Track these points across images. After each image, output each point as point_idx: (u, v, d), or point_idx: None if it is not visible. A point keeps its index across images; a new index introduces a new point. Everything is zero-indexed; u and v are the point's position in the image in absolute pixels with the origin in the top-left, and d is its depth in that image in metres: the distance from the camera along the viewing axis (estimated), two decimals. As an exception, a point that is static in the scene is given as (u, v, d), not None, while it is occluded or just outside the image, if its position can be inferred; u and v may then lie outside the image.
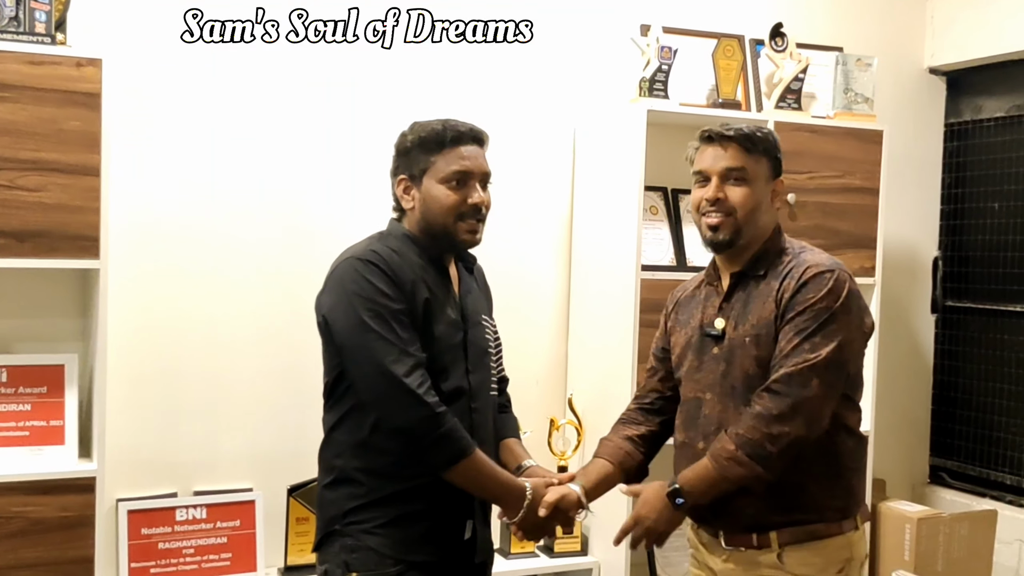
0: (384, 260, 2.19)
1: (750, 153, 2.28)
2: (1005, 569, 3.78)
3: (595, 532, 3.45)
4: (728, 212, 2.26)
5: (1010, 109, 4.04)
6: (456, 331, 2.28)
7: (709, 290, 2.39)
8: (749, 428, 2.16)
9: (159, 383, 3.07)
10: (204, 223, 3.11)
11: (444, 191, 2.25)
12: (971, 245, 4.17)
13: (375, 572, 2.20)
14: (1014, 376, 3.94)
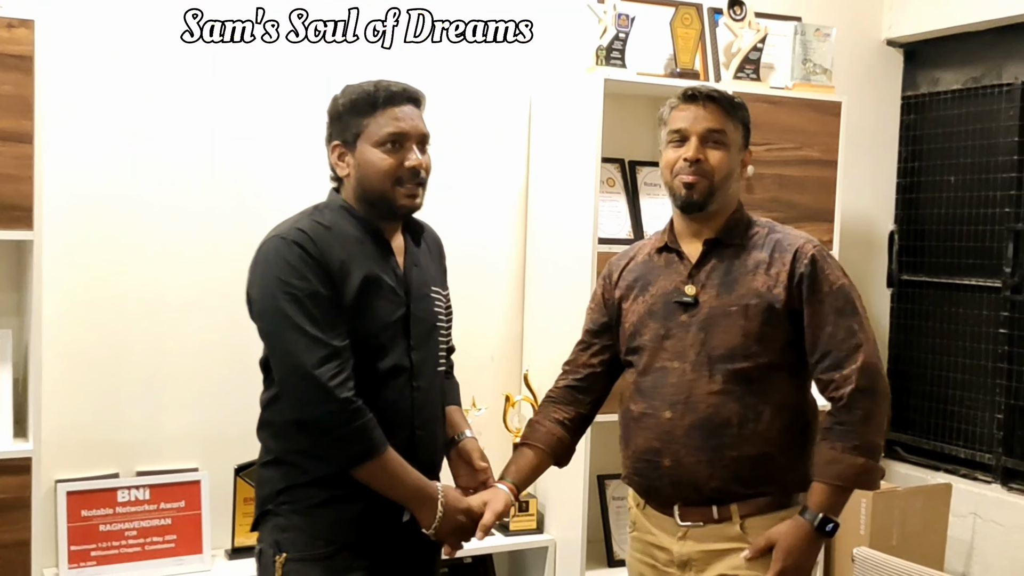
0: (310, 239, 2.08)
1: (730, 117, 2.26)
2: (959, 542, 3.78)
3: (550, 510, 3.40)
4: (705, 174, 2.22)
5: (966, 82, 4.02)
6: (397, 307, 2.18)
7: (669, 257, 2.33)
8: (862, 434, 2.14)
9: (99, 359, 2.96)
10: (146, 193, 2.99)
11: (379, 155, 2.14)
12: (927, 219, 4.15)
13: (305, 552, 2.12)
14: (969, 350, 3.94)
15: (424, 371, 2.22)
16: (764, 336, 2.19)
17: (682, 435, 2.20)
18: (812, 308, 2.18)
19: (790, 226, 2.34)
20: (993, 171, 3.87)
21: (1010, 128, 3.80)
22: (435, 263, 2.39)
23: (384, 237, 2.21)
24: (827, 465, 2.15)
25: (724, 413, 2.18)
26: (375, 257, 2.17)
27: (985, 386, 3.88)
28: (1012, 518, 3.68)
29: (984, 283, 3.89)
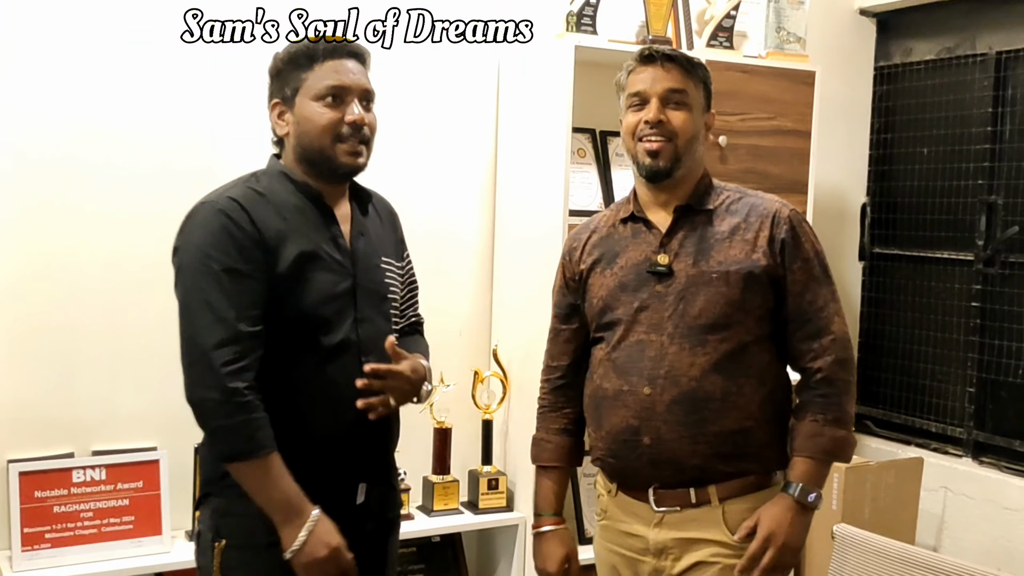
0: (239, 207, 1.97)
1: (690, 76, 2.18)
2: (930, 516, 3.77)
3: (520, 488, 3.33)
4: (668, 136, 2.14)
5: (940, 52, 3.97)
6: (341, 278, 2.06)
7: (635, 227, 2.23)
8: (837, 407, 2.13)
9: (51, 333, 2.85)
10: (99, 157, 2.87)
11: (318, 109, 2.03)
12: (899, 191, 4.11)
13: (244, 542, 2.00)
14: (941, 323, 3.91)
15: (375, 347, 2.10)
16: (746, 304, 2.12)
17: (663, 411, 2.11)
18: (793, 275, 2.14)
19: (757, 191, 2.28)
20: (966, 143, 3.83)
21: (984, 99, 3.76)
22: (388, 232, 2.27)
23: (325, 203, 2.09)
24: (809, 439, 2.10)
25: (707, 386, 2.10)
26: (315, 226, 2.06)
27: (957, 360, 3.85)
28: (983, 491, 3.67)
29: (956, 256, 3.85)
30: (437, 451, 3.27)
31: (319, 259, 2.04)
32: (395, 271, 2.23)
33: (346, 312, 2.07)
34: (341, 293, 2.06)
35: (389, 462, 2.27)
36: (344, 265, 2.08)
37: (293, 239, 2.01)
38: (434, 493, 3.23)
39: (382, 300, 2.17)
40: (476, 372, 3.33)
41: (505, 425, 3.41)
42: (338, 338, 2.04)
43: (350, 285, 2.08)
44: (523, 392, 3.31)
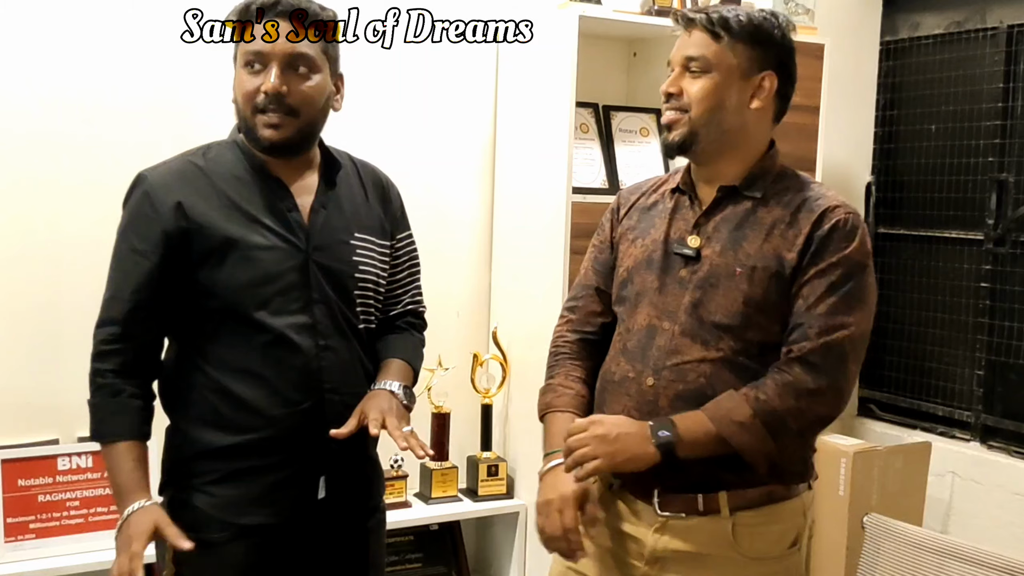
0: (163, 188, 1.90)
1: (717, 40, 1.92)
2: (937, 501, 3.69)
3: (520, 474, 3.24)
4: (681, 108, 1.94)
5: (949, 26, 3.86)
6: (287, 256, 1.92)
7: (680, 200, 2.03)
8: (774, 396, 1.84)
9: (34, 315, 2.74)
10: (83, 131, 2.76)
11: (241, 76, 1.91)
12: (905, 169, 4.01)
13: (197, 536, 1.88)
14: (948, 305, 3.82)
15: (334, 328, 1.97)
16: (767, 306, 1.89)
17: (666, 405, 1.91)
18: (805, 275, 1.88)
19: (827, 186, 2.03)
20: (976, 119, 3.73)
21: (995, 74, 3.66)
22: (373, 206, 2.10)
23: (271, 174, 1.95)
24: (716, 400, 1.86)
25: (716, 386, 1.89)
26: (259, 200, 1.93)
27: (965, 342, 3.77)
28: (991, 476, 3.59)
29: (965, 235, 3.76)
30: (435, 437, 3.17)
31: (260, 234, 1.91)
32: (373, 249, 2.06)
33: (294, 292, 1.93)
34: (286, 271, 1.93)
35: (360, 452, 2.08)
36: (293, 241, 1.94)
37: (223, 219, 1.90)
38: (432, 480, 3.14)
39: (346, 278, 2.00)
40: (475, 355, 3.23)
41: (505, 410, 3.31)
42: (285, 321, 1.91)
43: (301, 262, 1.94)
44: (523, 376, 3.22)
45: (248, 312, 1.90)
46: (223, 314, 1.91)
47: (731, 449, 1.84)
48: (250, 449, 1.92)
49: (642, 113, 3.34)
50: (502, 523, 3.26)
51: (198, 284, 1.89)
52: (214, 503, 1.93)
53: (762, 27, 1.94)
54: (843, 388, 1.88)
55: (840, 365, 1.86)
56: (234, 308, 1.90)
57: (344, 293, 2.01)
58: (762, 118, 1.97)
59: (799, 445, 1.93)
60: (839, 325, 1.85)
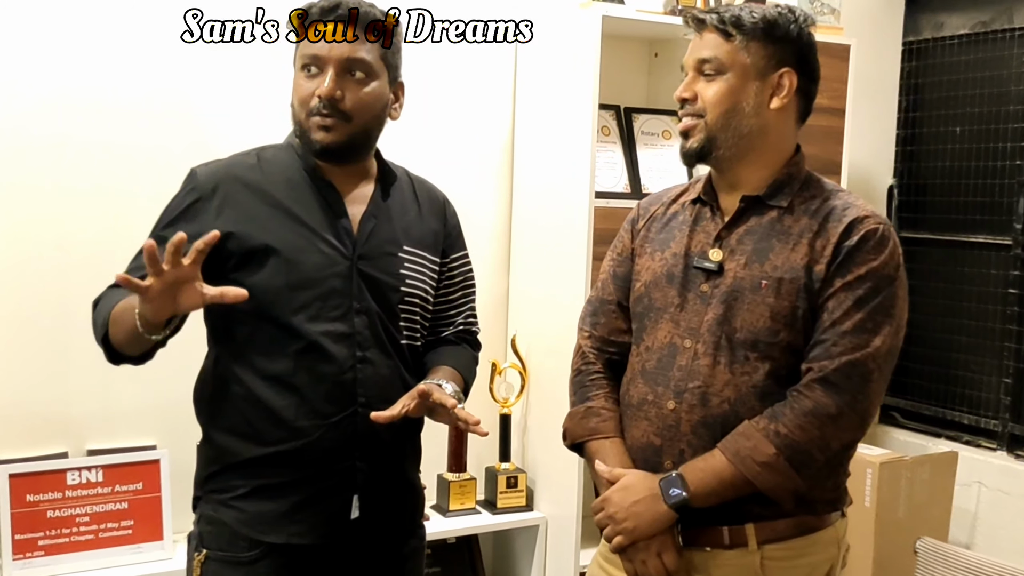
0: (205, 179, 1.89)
1: (730, 39, 1.84)
2: (963, 512, 3.61)
3: (540, 486, 3.16)
4: (698, 114, 1.86)
5: (974, 26, 3.78)
6: (332, 261, 1.87)
7: (701, 211, 1.94)
8: (796, 428, 1.74)
9: (42, 324, 2.65)
10: (89, 137, 2.67)
11: (298, 80, 1.88)
12: (929, 172, 3.93)
13: (226, 554, 1.84)
14: (974, 311, 3.74)
15: (374, 339, 1.90)
16: (795, 321, 1.80)
17: (688, 431, 1.83)
18: (832, 287, 1.79)
19: (855, 194, 1.93)
20: (1003, 121, 3.64)
21: (1022, 75, 3.57)
22: (427, 221, 2.05)
23: (324, 179, 1.90)
24: (733, 436, 1.78)
25: (742, 411, 1.79)
26: (309, 204, 1.89)
27: (992, 349, 3.68)
28: (1019, 487, 3.51)
29: (992, 240, 3.68)
30: (453, 447, 3.09)
31: (301, 240, 1.86)
32: (422, 264, 2.00)
33: (335, 299, 1.87)
34: (329, 277, 1.87)
35: (399, 474, 2.01)
36: (339, 248, 1.89)
37: (269, 220, 1.86)
38: (450, 492, 3.06)
39: (390, 291, 1.94)
40: (494, 364, 3.14)
41: (524, 420, 3.23)
42: (322, 328, 1.85)
43: (345, 269, 1.88)
44: (542, 385, 3.14)
45: (283, 316, 1.83)
46: (258, 317, 1.85)
47: (754, 489, 1.76)
48: (277, 461, 1.85)
49: (664, 115, 3.26)
50: (522, 536, 3.18)
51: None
52: (241, 519, 1.87)
53: (777, 22, 1.85)
54: (867, 410, 1.79)
55: (863, 385, 1.76)
56: (269, 311, 1.84)
57: (387, 305, 1.94)
58: (784, 119, 1.89)
59: (827, 475, 1.83)
60: (863, 343, 1.75)
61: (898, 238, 1.86)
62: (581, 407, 2.01)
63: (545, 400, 3.14)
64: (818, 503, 1.84)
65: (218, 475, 1.90)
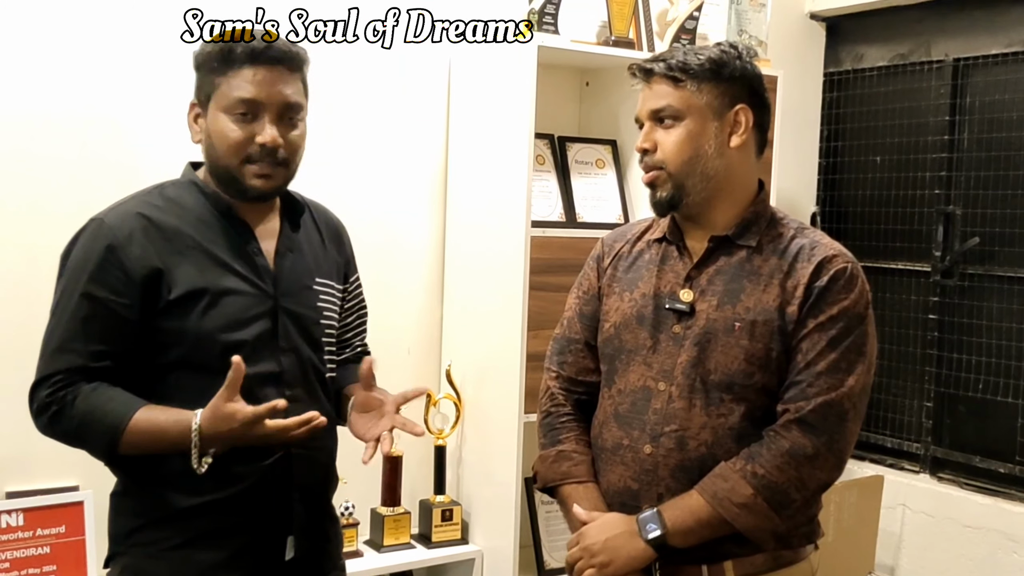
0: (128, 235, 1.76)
1: (680, 85, 1.84)
2: (889, 534, 3.67)
3: (476, 518, 3.12)
4: (656, 165, 1.87)
5: (893, 58, 3.88)
6: (256, 301, 1.83)
7: (667, 250, 1.95)
8: (773, 468, 1.76)
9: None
10: (11, 151, 2.57)
11: (228, 124, 1.79)
12: (850, 200, 4.01)
13: None
14: (895, 336, 3.82)
15: (299, 378, 1.87)
16: (769, 362, 1.81)
17: (667, 475, 1.84)
18: (805, 329, 1.80)
19: (821, 232, 1.96)
20: (922, 151, 3.74)
21: (940, 107, 3.67)
22: (330, 250, 2.03)
23: (238, 217, 1.85)
24: (710, 478, 1.80)
25: (719, 453, 1.81)
26: (225, 244, 1.82)
27: (913, 373, 3.76)
28: (942, 509, 3.58)
29: (912, 267, 3.76)
30: (387, 480, 3.03)
31: (225, 281, 1.80)
32: (331, 294, 1.99)
33: (263, 339, 1.83)
34: (254, 318, 1.82)
35: (325, 511, 2.02)
36: (261, 286, 1.84)
37: (190, 264, 1.78)
38: (384, 527, 2.99)
39: (312, 325, 1.92)
40: (429, 394, 3.09)
41: (458, 451, 3.19)
42: (253, 370, 1.79)
43: (268, 308, 1.84)
44: (477, 416, 3.11)
45: (212, 361, 1.76)
46: (184, 364, 1.78)
47: (732, 529, 1.77)
48: (213, 509, 1.80)
49: (597, 144, 3.26)
50: (457, 570, 3.12)
51: (160, 332, 1.76)
52: (176, 570, 1.80)
53: (724, 61, 1.87)
54: (843, 449, 1.81)
55: (839, 424, 1.79)
56: (198, 357, 1.77)
57: (312, 340, 1.93)
58: (745, 155, 1.90)
59: (803, 512, 1.85)
60: (838, 383, 1.79)
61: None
62: (553, 450, 2.00)
63: (480, 431, 3.10)
64: (793, 537, 1.85)
65: (145, 528, 1.83)
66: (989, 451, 3.52)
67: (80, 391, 1.73)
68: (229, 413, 1.70)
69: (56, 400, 1.73)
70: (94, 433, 1.74)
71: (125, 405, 1.73)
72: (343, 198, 2.23)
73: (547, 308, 2.92)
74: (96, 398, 1.73)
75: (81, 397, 1.73)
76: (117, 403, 1.73)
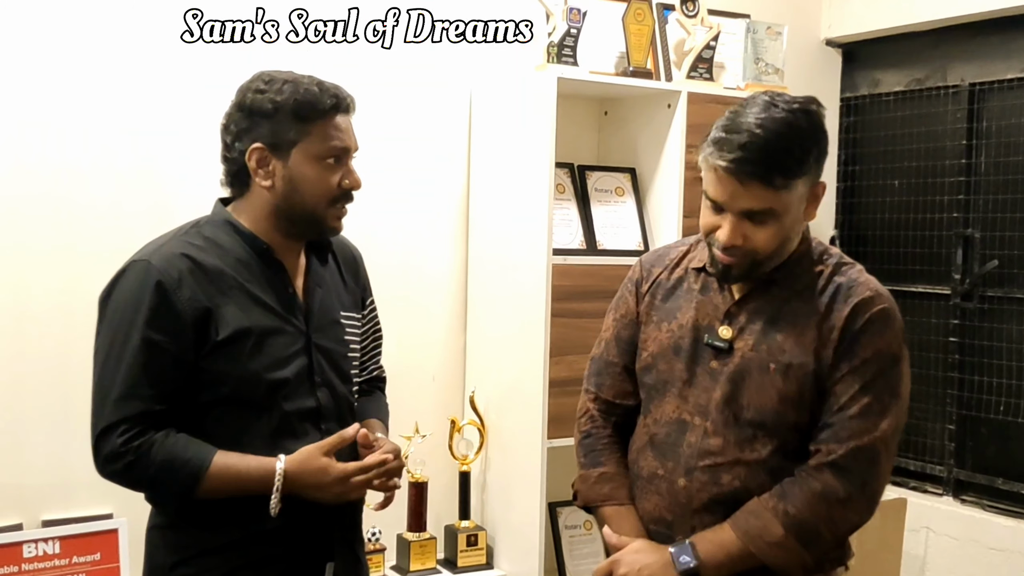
0: (174, 278, 1.78)
1: (778, 190, 1.75)
2: (913, 558, 3.68)
3: (500, 543, 3.15)
4: (744, 255, 1.81)
5: (909, 83, 3.91)
6: (293, 339, 1.87)
7: (707, 281, 1.93)
8: (804, 508, 1.77)
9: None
10: (44, 194, 2.64)
11: (319, 171, 1.85)
12: (869, 224, 4.04)
13: None
14: (917, 359, 3.76)
15: (336, 411, 1.93)
16: (803, 403, 1.82)
17: (700, 508, 1.86)
18: (839, 372, 1.81)
19: (859, 267, 1.93)
20: (940, 175, 3.77)
21: (957, 131, 3.70)
22: (348, 281, 2.08)
23: (274, 257, 1.89)
24: (743, 514, 1.82)
25: (752, 487, 1.83)
26: (263, 283, 1.87)
27: (935, 396, 3.78)
28: (966, 531, 3.59)
29: (932, 290, 3.78)
30: (412, 507, 3.07)
31: (267, 321, 1.85)
32: (354, 326, 2.05)
33: (301, 377, 1.88)
34: (293, 355, 1.87)
35: (357, 536, 2.09)
36: (296, 324, 1.89)
37: (234, 304, 1.82)
38: (410, 552, 3.03)
39: (341, 359, 1.98)
40: (453, 421, 3.14)
41: (483, 476, 3.23)
42: (294, 406, 1.85)
43: (303, 345, 1.90)
44: (501, 441, 3.15)
45: (255, 399, 1.82)
46: (227, 402, 1.82)
47: (762, 564, 1.80)
48: (258, 540, 1.84)
49: (617, 172, 3.31)
50: (482, 595, 3.16)
51: (206, 372, 1.80)
52: None
53: (817, 144, 1.80)
54: (876, 492, 1.83)
55: (872, 468, 1.80)
56: (242, 396, 1.82)
57: (342, 374, 1.98)
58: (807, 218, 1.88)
59: (836, 546, 1.88)
60: (871, 427, 1.78)
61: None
62: (594, 471, 2.02)
63: (504, 457, 3.14)
64: (826, 562, 1.88)
65: (188, 561, 1.86)
66: (1012, 473, 3.54)
67: (154, 440, 1.76)
68: (322, 467, 1.79)
69: (131, 450, 1.75)
70: (173, 481, 1.77)
71: (202, 452, 1.77)
72: (367, 228, 2.26)
73: (569, 335, 2.96)
74: (172, 446, 1.76)
75: (157, 446, 1.76)
76: (193, 451, 1.77)
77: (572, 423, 2.15)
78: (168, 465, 1.76)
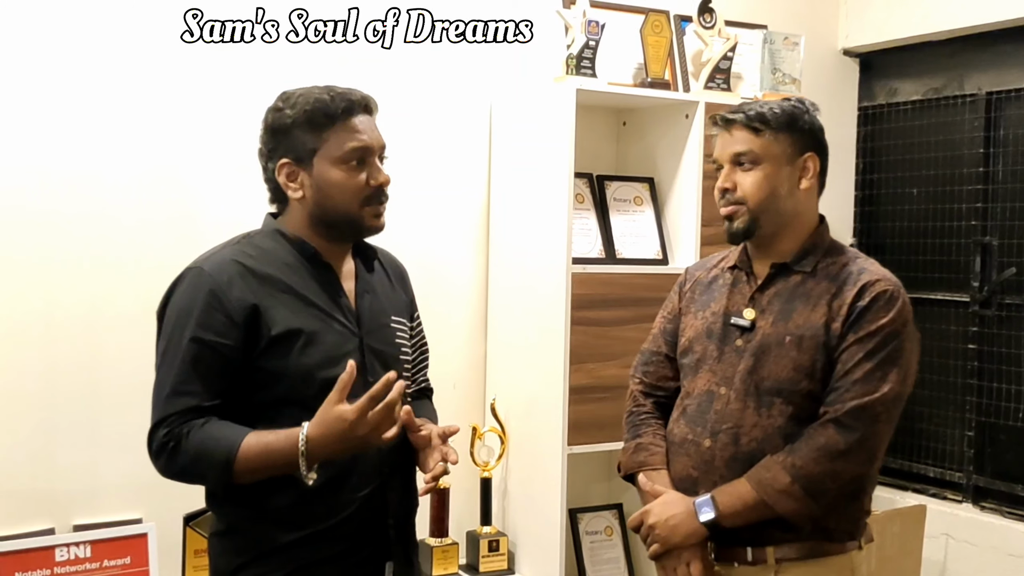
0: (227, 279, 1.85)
1: (759, 134, 2.11)
2: (932, 564, 3.69)
3: (522, 549, 3.19)
4: (737, 202, 2.14)
5: (927, 92, 3.94)
6: (345, 339, 1.92)
7: (737, 275, 2.23)
8: (810, 461, 2.01)
9: (26, 398, 2.66)
10: (76, 205, 2.70)
11: (342, 174, 1.91)
12: (888, 232, 4.06)
13: None
14: (936, 366, 3.85)
15: None
16: (815, 372, 2.06)
17: (721, 466, 2.10)
18: (845, 343, 2.05)
19: (873, 260, 2.19)
20: (958, 183, 3.79)
21: (975, 139, 3.72)
22: (398, 290, 2.14)
23: (323, 260, 1.96)
24: (757, 468, 2.05)
25: (767, 448, 2.06)
26: (314, 286, 1.93)
27: (954, 403, 3.79)
28: (985, 538, 3.59)
29: (951, 297, 3.80)
30: (435, 512, 3.11)
31: (317, 321, 1.90)
32: (404, 332, 2.10)
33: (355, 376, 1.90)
34: (346, 355, 1.90)
35: (412, 536, 2.12)
36: (347, 325, 1.95)
37: (284, 306, 1.88)
38: (432, 557, 3.08)
39: (393, 360, 2.02)
40: (474, 428, 3.19)
41: (504, 483, 3.27)
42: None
43: (356, 346, 1.95)
44: (522, 448, 3.18)
45: (309, 398, 1.85)
46: (283, 401, 1.87)
47: (774, 513, 2.01)
48: (316, 540, 1.89)
49: (635, 182, 3.35)
50: (504, 600, 3.20)
51: (261, 371, 1.86)
52: None
53: (795, 114, 2.15)
54: (874, 447, 2.04)
55: (871, 426, 2.01)
56: (296, 394, 1.86)
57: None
58: (810, 196, 2.19)
59: (843, 504, 2.06)
60: (872, 389, 2.01)
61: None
62: (632, 443, 2.29)
63: (525, 463, 3.18)
64: (835, 531, 2.08)
65: (251, 564, 1.90)
66: (1031, 479, 3.55)
67: (193, 426, 1.81)
68: (337, 414, 1.77)
69: (172, 437, 1.80)
70: (209, 463, 1.81)
71: (235, 432, 1.81)
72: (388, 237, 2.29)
73: (588, 342, 3.01)
74: (208, 430, 1.81)
75: (194, 431, 1.81)
76: (227, 432, 1.82)
77: (591, 430, 2.38)
78: (202, 448, 1.80)
